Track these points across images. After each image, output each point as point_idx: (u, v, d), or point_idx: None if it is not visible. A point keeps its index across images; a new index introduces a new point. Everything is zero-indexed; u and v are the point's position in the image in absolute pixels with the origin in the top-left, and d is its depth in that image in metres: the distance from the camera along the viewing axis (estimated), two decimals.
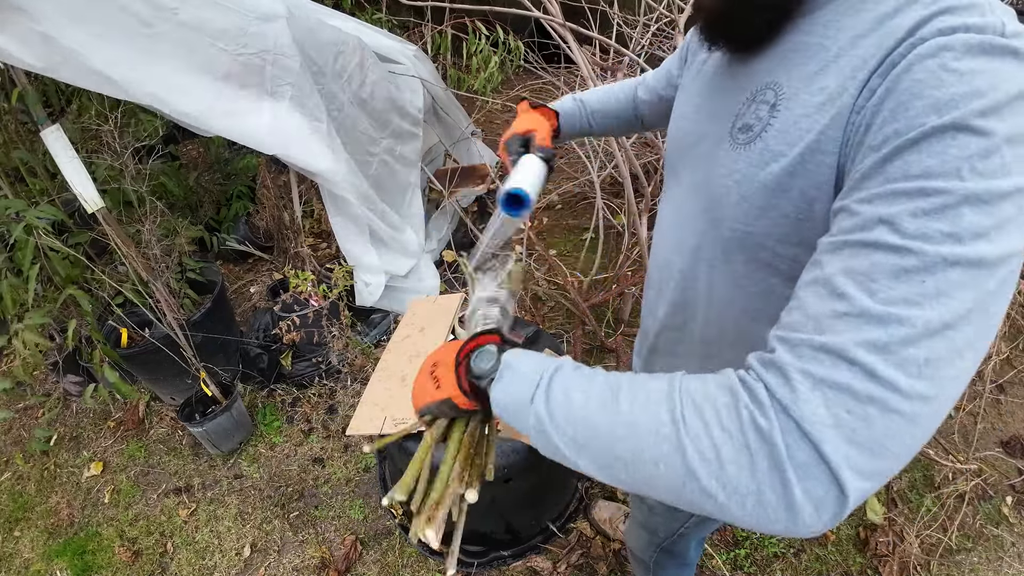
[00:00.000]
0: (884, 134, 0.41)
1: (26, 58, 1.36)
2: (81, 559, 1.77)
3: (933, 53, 0.39)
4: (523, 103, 1.02)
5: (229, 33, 1.62)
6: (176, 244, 2.07)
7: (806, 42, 0.51)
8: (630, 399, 0.43)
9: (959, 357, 0.36)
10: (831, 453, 0.35)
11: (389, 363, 1.46)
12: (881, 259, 0.37)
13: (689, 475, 0.39)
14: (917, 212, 0.37)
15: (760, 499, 0.36)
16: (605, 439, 0.44)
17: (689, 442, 0.39)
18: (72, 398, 2.30)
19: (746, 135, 0.54)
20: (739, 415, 0.38)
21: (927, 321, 0.35)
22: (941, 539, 1.59)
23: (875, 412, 0.35)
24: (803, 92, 0.49)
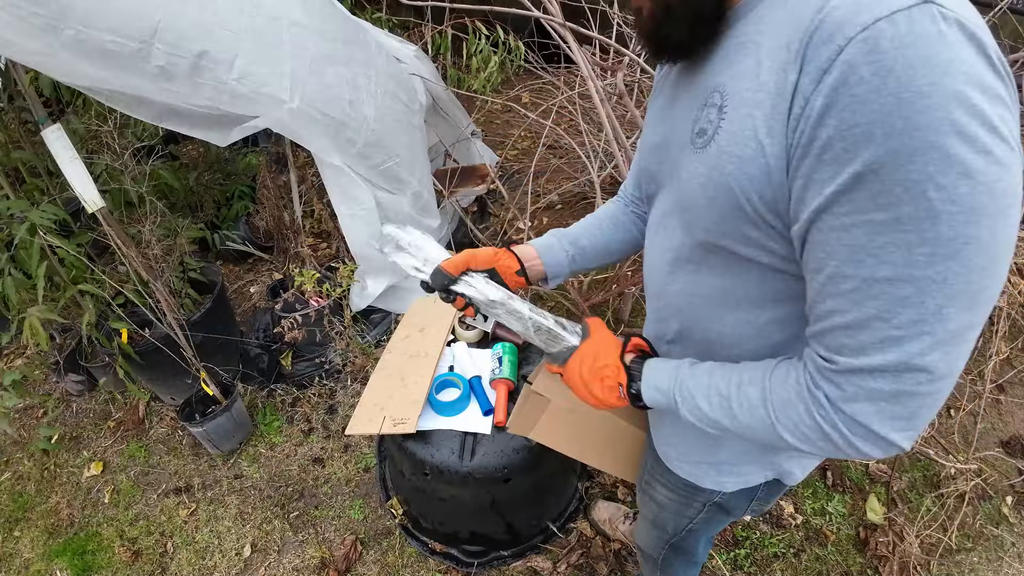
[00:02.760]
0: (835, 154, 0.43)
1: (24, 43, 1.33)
2: (81, 559, 1.77)
3: (864, 58, 0.40)
4: None
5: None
6: (177, 244, 2.07)
7: (742, 41, 0.53)
8: (739, 405, 0.58)
9: (967, 339, 0.45)
10: (878, 428, 0.48)
11: (389, 363, 1.46)
12: (885, 289, 0.44)
13: (791, 446, 0.55)
14: (900, 243, 0.42)
15: (844, 453, 0.52)
16: (733, 430, 0.61)
17: (787, 434, 0.54)
18: (72, 398, 2.30)
19: (702, 139, 0.56)
20: (813, 417, 0.52)
21: (935, 336, 0.44)
22: (941, 539, 1.59)
23: (906, 398, 0.46)
24: (744, 91, 0.51)
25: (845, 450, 0.51)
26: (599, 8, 2.27)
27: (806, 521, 1.70)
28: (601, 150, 2.29)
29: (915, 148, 0.39)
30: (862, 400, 0.48)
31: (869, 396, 0.47)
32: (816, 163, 0.44)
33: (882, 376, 0.46)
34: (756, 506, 0.87)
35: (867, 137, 0.41)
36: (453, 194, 2.55)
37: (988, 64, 0.40)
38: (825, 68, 0.42)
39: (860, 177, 0.42)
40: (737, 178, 0.51)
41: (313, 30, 1.74)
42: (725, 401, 0.59)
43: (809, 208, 0.46)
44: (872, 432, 0.48)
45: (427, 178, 2.29)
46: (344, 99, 1.82)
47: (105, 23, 1.36)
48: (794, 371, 0.54)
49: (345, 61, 1.85)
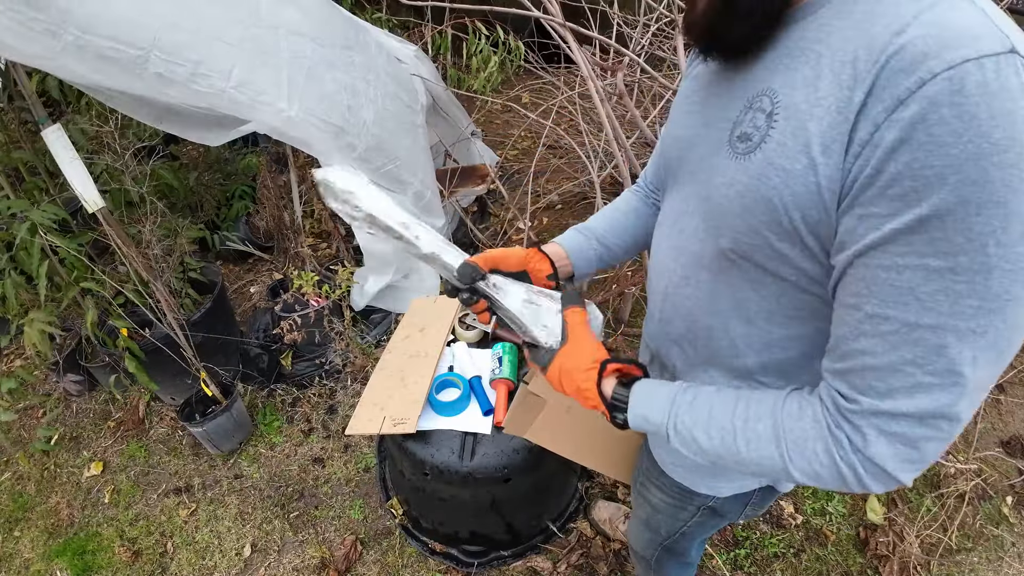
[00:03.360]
0: (902, 192, 0.41)
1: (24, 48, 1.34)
2: (81, 559, 1.77)
3: (946, 98, 0.39)
4: None
5: (239, 4, 1.58)
6: (177, 244, 2.07)
7: (801, 47, 0.50)
8: (745, 441, 0.56)
9: (987, 389, 0.46)
10: (892, 470, 0.48)
11: (389, 363, 1.46)
12: (926, 336, 0.43)
13: (795, 480, 0.55)
14: (950, 292, 0.41)
15: (847, 488, 0.51)
16: (733, 463, 0.58)
17: (797, 472, 0.53)
18: (72, 398, 2.30)
19: (745, 144, 0.53)
20: (831, 457, 0.50)
21: (966, 387, 0.44)
22: (941, 539, 1.59)
23: (923, 442, 0.46)
24: (799, 101, 0.48)
25: (852, 486, 0.50)
26: (599, 8, 2.27)
27: (806, 521, 1.70)
28: (601, 150, 2.29)
29: (985, 200, 0.39)
30: (883, 443, 0.47)
31: (890, 439, 0.47)
32: (879, 196, 0.43)
33: (906, 421, 0.46)
34: (750, 511, 0.86)
35: (940, 180, 0.39)
36: (453, 194, 2.55)
37: None
38: (903, 99, 0.40)
39: (924, 220, 0.41)
40: (781, 192, 0.49)
41: (311, 37, 1.75)
42: (729, 436, 0.57)
43: (861, 241, 0.44)
44: (886, 473, 0.48)
45: (429, 178, 2.29)
46: (343, 105, 1.82)
47: (104, 30, 1.37)
48: (809, 407, 0.52)
49: (344, 66, 1.85)
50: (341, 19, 1.96)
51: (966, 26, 0.40)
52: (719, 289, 0.62)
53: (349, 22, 1.98)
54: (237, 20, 1.57)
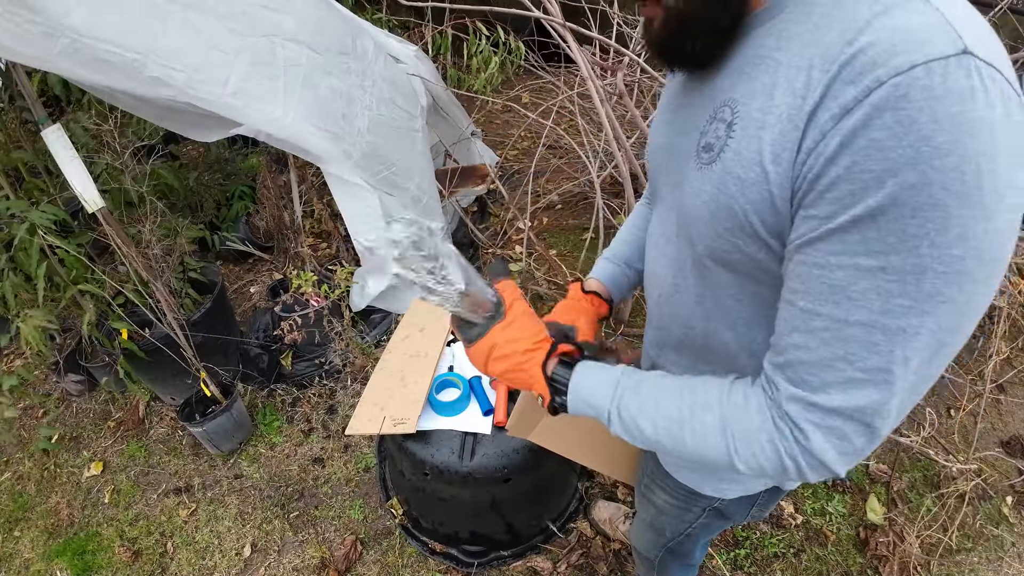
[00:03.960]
0: (840, 194, 0.42)
1: (22, 49, 1.34)
2: (81, 559, 1.77)
3: (890, 104, 0.39)
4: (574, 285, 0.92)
5: (235, 16, 1.59)
6: (177, 244, 2.07)
7: (760, 54, 0.50)
8: (691, 431, 0.56)
9: (922, 391, 0.47)
10: (831, 462, 0.49)
11: (389, 363, 1.46)
12: (856, 333, 0.44)
13: (740, 473, 0.56)
14: (881, 291, 0.42)
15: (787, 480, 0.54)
16: (675, 452, 0.59)
17: (741, 464, 0.54)
18: (72, 398, 2.30)
19: (708, 155, 0.54)
20: (776, 449, 0.51)
21: (896, 385, 0.45)
22: (941, 539, 1.59)
23: (855, 437, 0.48)
24: (755, 110, 0.49)
25: (791, 478, 0.52)
26: (599, 8, 2.27)
27: (806, 521, 1.70)
28: (601, 150, 2.29)
29: (922, 203, 0.39)
30: (820, 437, 0.48)
31: (826, 434, 0.48)
32: (818, 199, 0.43)
33: (839, 416, 0.47)
34: (756, 512, 0.86)
35: (877, 183, 0.40)
36: (453, 194, 2.55)
37: (1015, 126, 0.39)
38: (849, 107, 0.41)
39: (858, 220, 0.41)
40: (739, 200, 0.50)
41: (307, 44, 1.76)
42: (675, 425, 0.57)
43: (801, 238, 0.45)
44: (824, 465, 0.49)
45: (427, 182, 2.29)
46: (338, 113, 1.84)
47: (101, 34, 1.38)
48: (754, 398, 0.53)
49: (339, 73, 1.87)
50: (338, 23, 1.96)
51: (917, 30, 0.40)
52: (704, 295, 0.63)
53: (346, 26, 1.98)
54: (231, 30, 1.59)
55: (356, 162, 1.91)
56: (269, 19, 1.67)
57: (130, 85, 1.50)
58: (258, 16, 1.64)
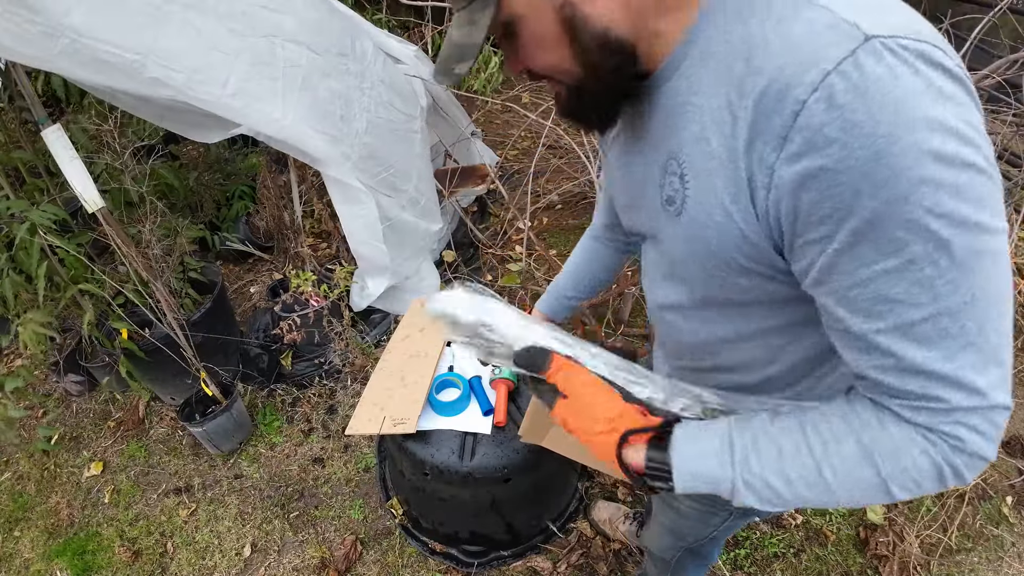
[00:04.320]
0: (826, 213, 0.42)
1: (22, 49, 1.35)
2: (81, 559, 1.77)
3: (826, 118, 0.39)
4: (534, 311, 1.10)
5: (235, 16, 1.60)
6: (177, 244, 2.07)
7: (679, 103, 0.52)
8: (831, 470, 0.49)
9: (1009, 343, 0.44)
10: (985, 451, 0.45)
11: (389, 363, 1.46)
12: (926, 330, 0.43)
13: (892, 499, 0.49)
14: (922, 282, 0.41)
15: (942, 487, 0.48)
16: (818, 501, 0.52)
17: (897, 488, 0.48)
18: (72, 398, 2.30)
19: (673, 207, 0.55)
20: (931, 460, 0.46)
21: (986, 354, 0.43)
22: (941, 539, 1.59)
23: (996, 418, 0.44)
24: (698, 159, 0.50)
25: (948, 485, 0.48)
26: None
27: (806, 521, 1.70)
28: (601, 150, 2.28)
29: (903, 189, 0.39)
30: (964, 431, 0.45)
31: (969, 429, 0.45)
32: (807, 225, 0.44)
33: (962, 411, 0.44)
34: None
35: (854, 192, 0.40)
36: (453, 194, 2.55)
37: (945, 75, 0.40)
38: (784, 135, 0.41)
39: (858, 232, 0.41)
40: (715, 242, 0.52)
41: (306, 45, 1.77)
42: (811, 472, 0.50)
43: (814, 267, 0.46)
44: (981, 457, 0.46)
45: (425, 183, 2.30)
46: (336, 114, 1.85)
47: (101, 34, 1.38)
48: (885, 415, 0.48)
49: (338, 74, 1.87)
50: (338, 24, 1.96)
51: (815, 37, 0.41)
52: (713, 328, 0.64)
53: (346, 27, 1.98)
54: (231, 31, 1.59)
55: (354, 164, 1.91)
56: (269, 19, 1.67)
57: (130, 85, 1.51)
58: (258, 17, 1.64)
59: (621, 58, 0.51)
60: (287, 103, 1.70)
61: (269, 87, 1.67)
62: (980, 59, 1.63)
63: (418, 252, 2.34)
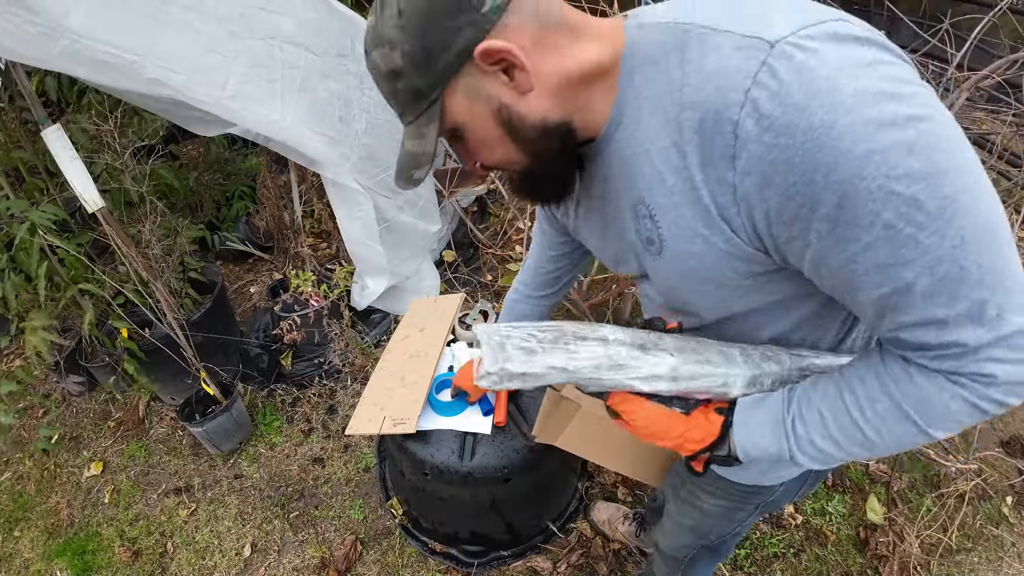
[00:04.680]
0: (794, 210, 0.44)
1: (22, 50, 1.35)
2: (81, 559, 1.77)
3: (760, 127, 0.42)
4: None
5: (234, 19, 1.60)
6: (177, 244, 2.07)
7: (631, 154, 0.55)
8: (873, 430, 0.53)
9: (1013, 268, 0.44)
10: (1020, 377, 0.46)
11: (389, 363, 1.46)
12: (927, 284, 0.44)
13: (936, 438, 0.52)
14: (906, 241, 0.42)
15: (986, 417, 0.49)
16: (870, 454, 0.56)
17: (939, 431, 0.51)
18: (72, 398, 2.30)
19: (655, 246, 0.58)
20: (965, 400, 0.48)
21: (994, 289, 0.43)
22: (941, 539, 1.59)
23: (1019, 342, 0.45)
24: (660, 199, 0.54)
25: (991, 415, 0.49)
26: (599, 8, 2.27)
27: (806, 521, 1.70)
28: None
29: (856, 167, 0.40)
30: (996, 367, 0.46)
31: (996, 362, 0.45)
32: (782, 224, 0.46)
33: (992, 346, 0.45)
34: (806, 489, 0.86)
35: (809, 183, 0.42)
36: (453, 194, 2.54)
37: (857, 43, 0.42)
38: (732, 154, 0.44)
39: (831, 218, 0.43)
40: (703, 268, 0.55)
41: (305, 46, 1.77)
42: (856, 431, 0.54)
43: (805, 260, 0.48)
44: (1021, 383, 0.47)
45: (424, 184, 2.29)
46: (335, 116, 1.86)
47: (100, 36, 1.39)
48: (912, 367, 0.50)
49: (337, 75, 1.88)
50: (337, 24, 1.96)
51: (724, 61, 0.44)
52: (726, 329, 0.66)
53: (345, 27, 1.98)
54: (230, 33, 1.60)
55: (353, 165, 1.92)
56: (268, 21, 1.68)
57: (130, 85, 1.51)
58: (256, 19, 1.65)
59: (561, 138, 0.56)
60: (285, 105, 1.71)
61: (267, 89, 1.68)
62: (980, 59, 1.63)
63: (417, 253, 2.34)
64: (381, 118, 2.04)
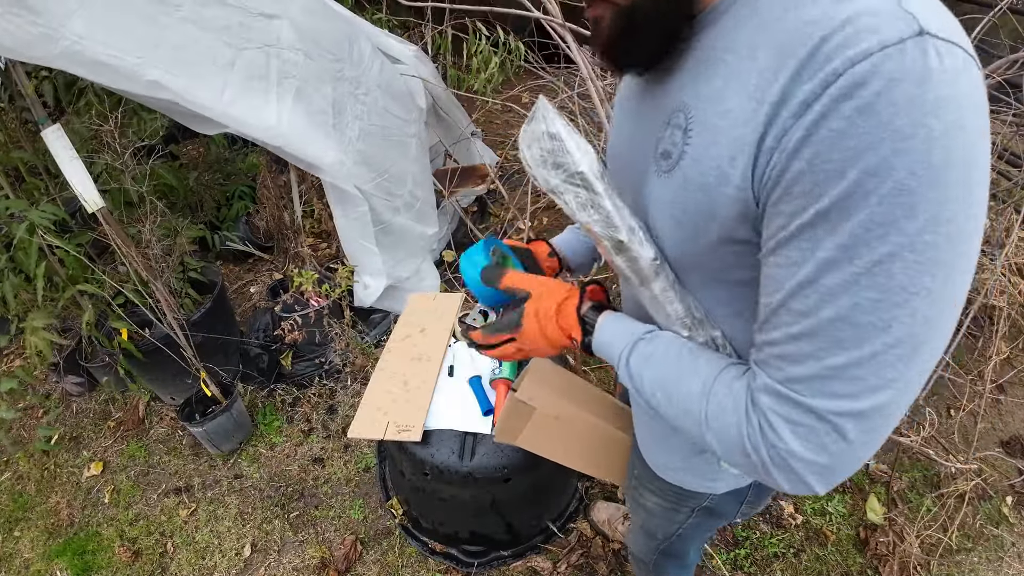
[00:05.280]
0: (805, 188, 0.41)
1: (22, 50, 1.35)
2: (81, 559, 1.77)
3: (847, 94, 0.38)
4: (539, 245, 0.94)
5: (231, 28, 1.62)
6: (177, 244, 2.07)
7: (710, 56, 0.49)
8: (679, 393, 0.56)
9: (901, 393, 0.43)
10: (805, 474, 0.47)
11: (389, 363, 1.46)
12: (825, 328, 0.43)
13: (707, 444, 0.54)
14: (849, 285, 0.41)
15: (756, 475, 0.51)
16: (662, 410, 0.59)
17: (710, 435, 0.53)
18: (72, 398, 2.30)
19: (667, 162, 0.53)
20: (740, 434, 0.50)
21: (867, 383, 0.42)
22: (941, 539, 1.59)
23: (833, 448, 0.45)
24: (710, 115, 0.48)
25: (758, 472, 0.49)
26: None
27: (806, 521, 1.70)
28: (601, 150, 2.29)
29: (888, 189, 0.38)
30: (787, 430, 0.46)
31: (794, 428, 0.45)
32: (785, 195, 0.43)
33: (809, 413, 0.45)
34: (746, 509, 0.86)
35: (839, 173, 0.39)
36: (453, 194, 2.55)
37: (979, 101, 0.39)
38: (809, 103, 0.40)
39: (824, 213, 0.40)
40: (704, 205, 0.50)
41: (304, 52, 1.79)
42: (670, 382, 0.57)
43: (772, 237, 0.45)
44: (792, 469, 0.47)
45: (421, 187, 2.32)
46: (329, 123, 1.88)
47: (101, 36, 1.39)
48: (741, 382, 0.51)
49: (333, 80, 1.90)
50: (335, 28, 1.97)
51: (870, 16, 0.39)
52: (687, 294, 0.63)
53: (343, 31, 1.99)
54: (227, 43, 1.62)
55: (349, 169, 1.94)
56: (266, 29, 1.70)
57: (130, 86, 1.52)
58: (254, 27, 1.67)
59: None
60: (282, 111, 1.74)
61: (264, 96, 1.71)
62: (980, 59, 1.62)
63: (413, 254, 2.35)
64: (375, 124, 2.07)
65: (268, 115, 1.71)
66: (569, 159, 0.59)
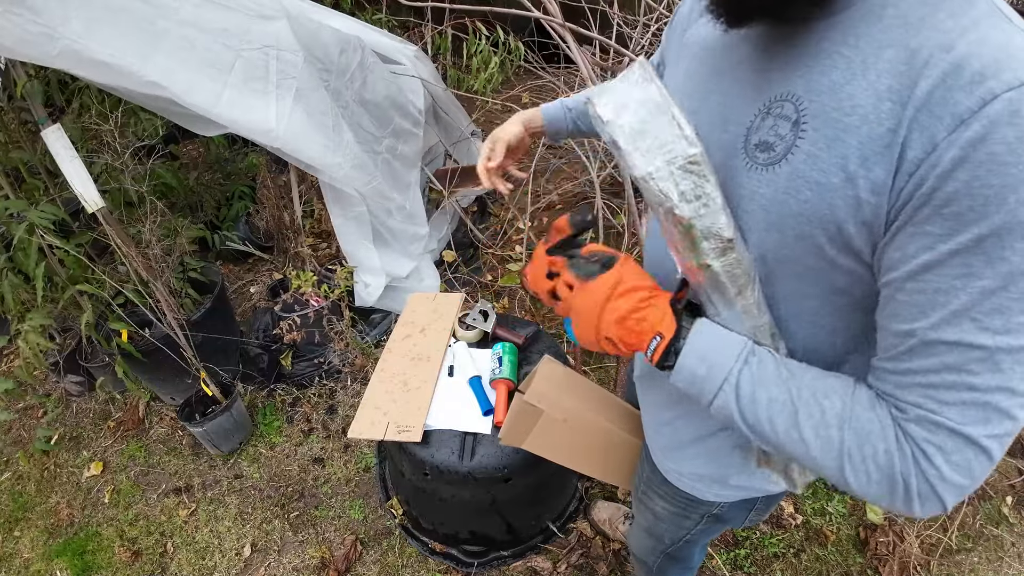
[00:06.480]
0: (958, 211, 0.40)
1: (22, 50, 1.36)
2: (81, 559, 1.77)
3: (1008, 121, 0.38)
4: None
5: (230, 31, 1.62)
6: (177, 244, 2.07)
7: (824, 49, 0.47)
8: (807, 417, 0.51)
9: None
10: (946, 497, 0.46)
11: (389, 363, 1.46)
12: (980, 356, 0.42)
13: (843, 481, 0.50)
14: (1004, 310, 0.41)
15: (893, 501, 0.49)
16: (780, 440, 0.52)
17: (849, 468, 0.49)
18: (72, 398, 2.30)
19: (767, 155, 0.50)
20: (891, 463, 0.47)
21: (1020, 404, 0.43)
22: (941, 539, 1.59)
23: (979, 470, 0.45)
24: (830, 109, 0.46)
25: (898, 501, 0.48)
26: (599, 8, 2.27)
27: (806, 521, 1.70)
28: (601, 150, 2.29)
29: None
30: (941, 458, 0.45)
31: (946, 456, 0.45)
32: (934, 215, 0.41)
33: (961, 438, 0.44)
34: (754, 516, 0.86)
35: (999, 200, 0.39)
36: (453, 194, 2.54)
37: None
38: (964, 118, 0.39)
39: (982, 240, 0.40)
40: (814, 207, 0.47)
41: (302, 55, 1.80)
42: (789, 408, 0.51)
43: (914, 261, 0.43)
44: (937, 496, 0.46)
45: (412, 191, 2.34)
46: (328, 125, 1.88)
47: (101, 37, 1.40)
48: (880, 405, 0.49)
49: (324, 87, 1.90)
50: (335, 31, 1.98)
51: (1016, 47, 0.40)
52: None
53: (335, 38, 1.99)
54: (226, 46, 1.63)
55: (347, 172, 1.94)
56: (265, 30, 1.70)
57: (129, 86, 1.53)
58: (253, 31, 1.67)
59: None
60: (280, 114, 1.74)
61: (262, 99, 1.72)
62: None
63: (408, 255, 2.36)
64: (367, 129, 2.08)
65: (268, 116, 1.71)
66: (678, 136, 0.49)
